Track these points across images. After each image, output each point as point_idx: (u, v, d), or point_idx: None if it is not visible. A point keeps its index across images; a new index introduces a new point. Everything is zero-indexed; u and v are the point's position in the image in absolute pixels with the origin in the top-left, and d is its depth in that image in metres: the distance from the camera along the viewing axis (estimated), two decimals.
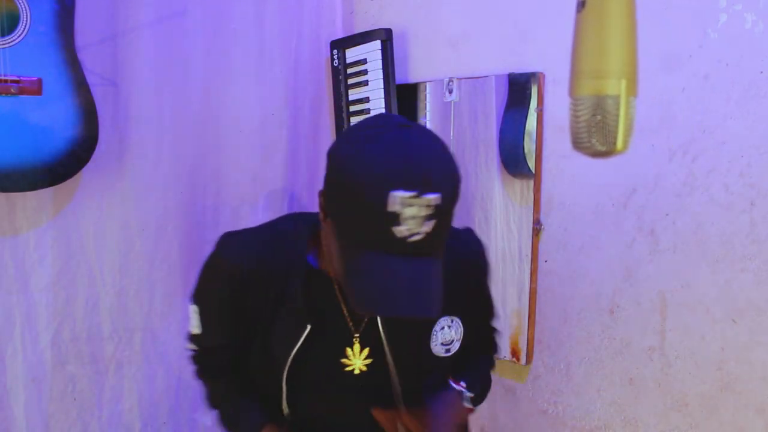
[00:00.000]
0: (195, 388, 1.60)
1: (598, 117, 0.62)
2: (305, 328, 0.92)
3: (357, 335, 0.96)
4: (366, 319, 0.96)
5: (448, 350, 1.00)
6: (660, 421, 1.31)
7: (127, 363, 1.50)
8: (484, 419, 1.63)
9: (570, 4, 0.69)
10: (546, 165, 1.45)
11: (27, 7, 1.26)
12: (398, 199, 0.72)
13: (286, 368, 0.95)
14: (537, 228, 1.46)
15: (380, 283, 0.76)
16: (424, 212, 0.74)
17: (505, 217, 1.51)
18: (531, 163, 1.45)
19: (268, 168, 1.72)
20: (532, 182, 1.45)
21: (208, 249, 1.18)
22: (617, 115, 0.62)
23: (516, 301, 1.50)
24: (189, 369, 1.61)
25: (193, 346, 1.05)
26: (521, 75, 1.46)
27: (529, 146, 1.45)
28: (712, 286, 1.22)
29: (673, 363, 1.28)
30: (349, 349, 0.96)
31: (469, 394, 1.04)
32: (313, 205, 1.79)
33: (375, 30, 1.69)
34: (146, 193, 1.50)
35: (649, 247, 1.30)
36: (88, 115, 1.34)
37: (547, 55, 1.43)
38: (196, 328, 1.02)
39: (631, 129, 0.62)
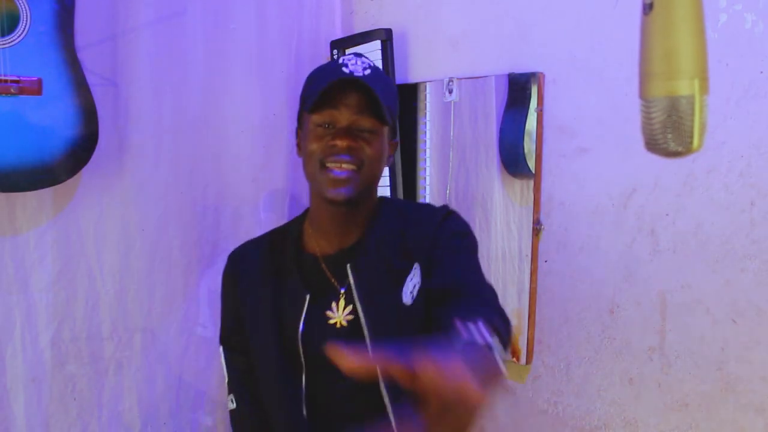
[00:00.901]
0: (195, 389, 1.61)
1: (674, 118, 0.63)
2: (305, 297, 1.04)
3: (342, 291, 1.05)
4: (346, 278, 1.05)
5: (412, 295, 1.02)
6: (660, 421, 1.31)
7: (127, 363, 1.50)
8: (484, 419, 1.63)
9: (571, 4, 0.69)
10: (546, 165, 1.45)
11: (27, 7, 1.26)
12: (342, 58, 1.02)
13: (300, 341, 1.03)
14: (537, 228, 1.46)
15: (331, 81, 0.97)
16: (362, 64, 1.00)
17: (505, 217, 1.51)
18: (531, 163, 1.45)
19: (268, 168, 1.72)
20: (532, 182, 1.45)
21: (208, 249, 1.19)
22: (692, 115, 0.63)
23: (516, 301, 1.50)
24: (189, 369, 1.62)
25: (230, 399, 1.13)
26: (521, 75, 1.46)
27: (529, 146, 1.45)
28: (712, 286, 1.22)
29: (673, 363, 1.28)
30: (334, 304, 1.05)
31: (489, 339, 0.76)
32: None
33: (375, 30, 1.69)
34: (146, 192, 1.50)
35: (649, 247, 1.30)
36: (88, 115, 1.34)
37: (547, 55, 1.43)
38: (226, 374, 1.13)
39: (705, 127, 0.64)
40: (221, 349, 1.15)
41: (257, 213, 1.70)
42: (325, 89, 0.97)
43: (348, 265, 1.04)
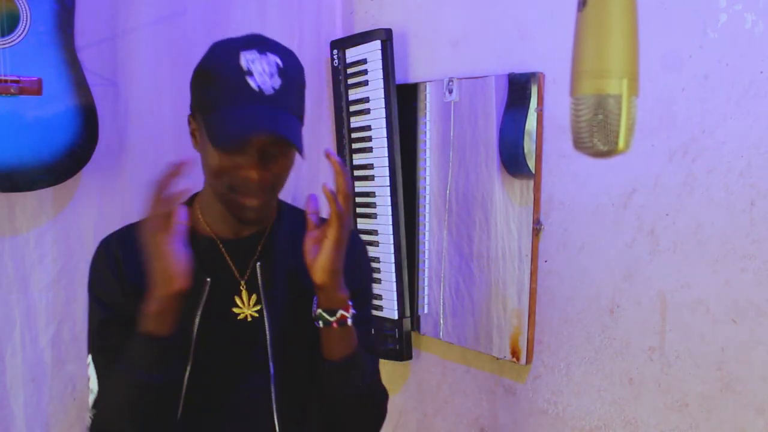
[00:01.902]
0: None
1: (600, 116, 0.62)
2: (206, 283, 0.97)
3: (243, 281, 1.00)
4: (249, 269, 1.01)
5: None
6: (660, 421, 1.31)
7: None
8: (484, 419, 1.63)
9: (570, 4, 0.69)
10: (546, 165, 1.45)
11: (27, 7, 1.26)
12: (246, 56, 0.90)
13: (195, 330, 0.96)
14: (537, 228, 1.46)
15: (243, 119, 0.87)
16: (269, 68, 0.90)
17: (505, 217, 1.51)
18: (531, 163, 1.45)
19: None
20: (532, 182, 1.45)
21: None
22: (619, 115, 0.62)
23: (516, 301, 1.50)
24: None
25: (93, 411, 0.95)
26: (521, 75, 1.46)
27: (529, 146, 1.45)
28: (712, 286, 1.22)
29: (673, 363, 1.28)
30: (237, 298, 1.00)
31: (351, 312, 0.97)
32: None
33: (375, 30, 1.69)
34: (147, 193, 1.50)
35: (649, 247, 1.30)
36: (88, 115, 1.34)
37: (547, 55, 1.43)
38: (93, 381, 0.96)
39: (632, 128, 0.62)
40: (90, 357, 0.96)
41: None
42: (234, 136, 0.88)
43: (258, 264, 1.01)
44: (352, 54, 1.76)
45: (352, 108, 1.78)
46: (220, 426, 1.00)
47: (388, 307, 1.73)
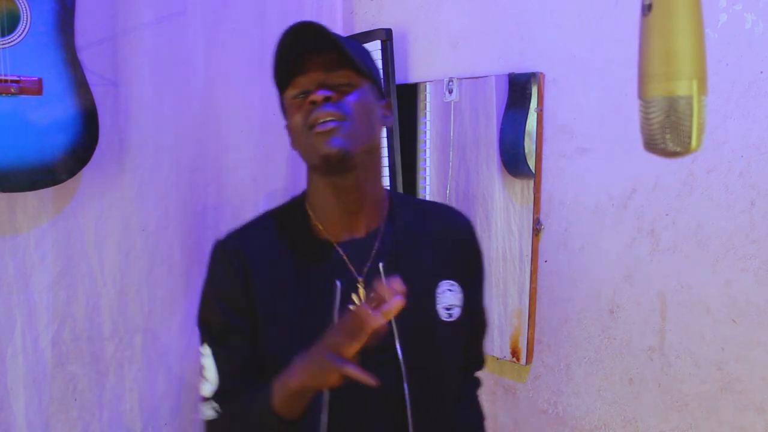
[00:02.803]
0: (196, 389, 1.60)
1: (672, 118, 0.63)
2: (336, 286, 0.96)
3: (361, 279, 0.98)
4: (366, 268, 0.99)
5: (450, 314, 1.02)
6: (660, 421, 1.31)
7: (127, 363, 1.50)
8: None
9: (571, 4, 0.69)
10: (546, 165, 1.45)
11: (27, 7, 1.26)
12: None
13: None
14: (537, 228, 1.47)
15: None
16: (320, 30, 0.91)
17: (505, 217, 1.51)
18: (531, 163, 1.45)
19: (268, 168, 1.72)
20: (532, 182, 1.45)
21: (208, 249, 1.18)
22: (691, 115, 0.63)
23: (516, 301, 1.50)
24: (190, 370, 1.62)
25: (213, 407, 0.98)
26: (521, 75, 1.46)
27: (529, 146, 1.45)
28: (712, 286, 1.22)
29: (673, 363, 1.28)
30: (354, 296, 0.97)
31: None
32: None
33: (375, 30, 1.69)
34: (147, 193, 1.50)
35: (649, 247, 1.30)
36: (88, 115, 1.34)
37: (547, 55, 1.43)
38: (213, 378, 0.98)
39: (704, 128, 0.64)
40: (209, 349, 0.99)
41: (258, 213, 1.70)
42: (283, 46, 0.92)
43: (380, 264, 0.99)
44: None
45: None
46: (355, 422, 0.98)
47: None
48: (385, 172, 1.71)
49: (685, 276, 1.25)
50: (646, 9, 0.64)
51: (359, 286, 0.98)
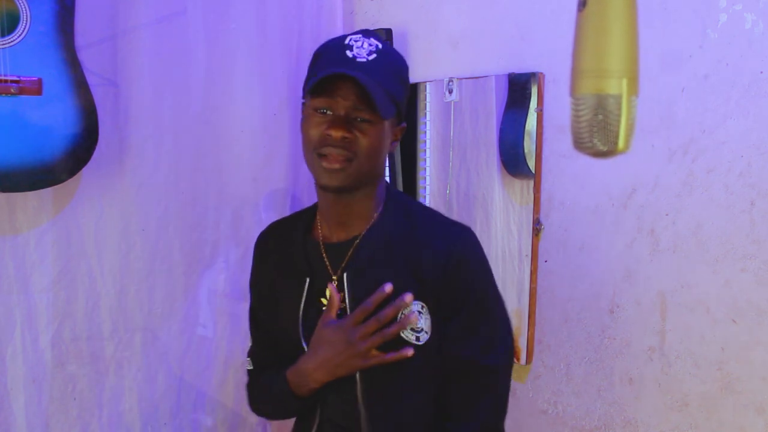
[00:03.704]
0: (196, 389, 1.61)
1: (600, 116, 0.62)
2: (305, 280, 1.08)
3: (334, 278, 1.07)
4: (341, 267, 1.07)
5: (418, 338, 1.01)
6: (660, 421, 1.31)
7: (127, 363, 1.50)
8: None
9: (570, 4, 0.69)
10: (546, 165, 1.45)
11: (27, 7, 1.26)
12: (351, 37, 1.00)
13: (300, 325, 1.08)
14: (537, 228, 1.46)
15: (329, 70, 0.96)
16: (369, 47, 0.99)
17: (505, 217, 1.51)
18: (531, 163, 1.45)
19: (269, 168, 1.72)
20: (532, 182, 1.45)
21: (208, 249, 1.20)
22: (619, 115, 0.62)
23: (516, 301, 1.50)
24: (190, 369, 1.62)
25: (248, 361, 1.19)
26: (521, 75, 1.46)
27: (529, 146, 1.45)
28: (712, 286, 1.22)
29: (673, 363, 1.28)
30: (327, 290, 1.06)
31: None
32: None
33: (375, 30, 1.69)
34: (147, 193, 1.50)
35: (649, 247, 1.30)
36: (88, 115, 1.34)
37: (547, 55, 1.43)
38: (250, 338, 1.22)
39: (632, 129, 0.63)
40: (250, 313, 1.22)
41: (258, 213, 1.70)
42: (321, 79, 0.95)
43: (344, 274, 1.05)
44: None
45: None
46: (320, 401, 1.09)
47: None
48: (385, 172, 1.71)
49: (685, 276, 1.25)
50: (581, 4, 0.63)
51: (332, 284, 1.06)
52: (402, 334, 1.00)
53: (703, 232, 1.23)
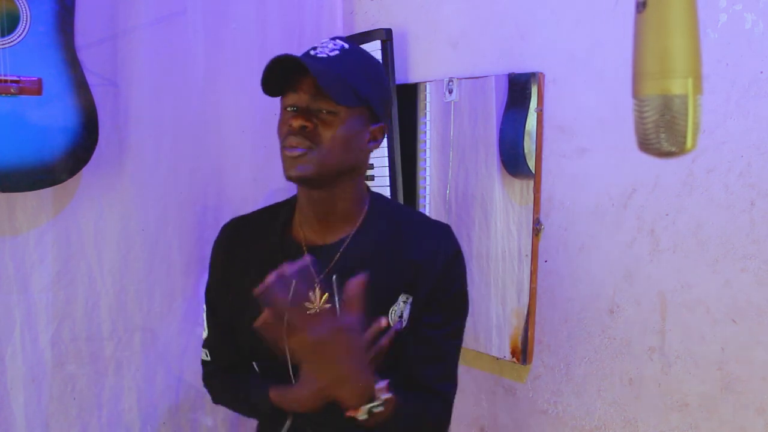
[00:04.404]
0: (195, 389, 1.60)
1: (667, 117, 0.62)
2: (291, 284, 1.01)
3: (317, 280, 1.03)
4: (327, 269, 1.05)
5: (395, 320, 1.03)
6: (660, 421, 1.31)
7: (126, 363, 1.50)
8: (484, 419, 1.63)
9: (570, 4, 0.69)
10: (546, 165, 1.45)
11: (27, 7, 1.26)
12: (322, 41, 1.02)
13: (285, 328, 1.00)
14: (537, 228, 1.46)
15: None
16: (334, 47, 1.00)
17: (505, 217, 1.51)
18: (531, 163, 1.45)
19: (269, 168, 1.72)
20: (532, 182, 1.45)
21: (208, 249, 1.19)
22: (686, 115, 0.62)
23: (516, 301, 1.50)
24: (189, 369, 1.61)
25: (205, 352, 1.18)
26: (521, 75, 1.46)
27: (529, 146, 1.45)
28: (712, 286, 1.22)
29: (673, 363, 1.28)
30: (311, 293, 1.02)
31: (379, 399, 0.93)
32: None
33: (375, 30, 1.69)
34: (146, 193, 1.50)
35: (649, 247, 1.30)
36: (88, 115, 1.34)
37: (547, 55, 1.43)
38: (205, 329, 1.18)
39: (699, 127, 0.63)
40: (204, 304, 1.18)
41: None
42: (269, 70, 0.97)
43: (333, 277, 1.03)
44: None
45: None
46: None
47: None
48: (385, 172, 1.70)
49: (685, 276, 1.25)
50: (641, 6, 0.63)
51: (316, 286, 1.03)
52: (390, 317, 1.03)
53: (703, 232, 1.23)
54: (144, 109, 1.49)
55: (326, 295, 1.03)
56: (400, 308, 1.04)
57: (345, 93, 0.97)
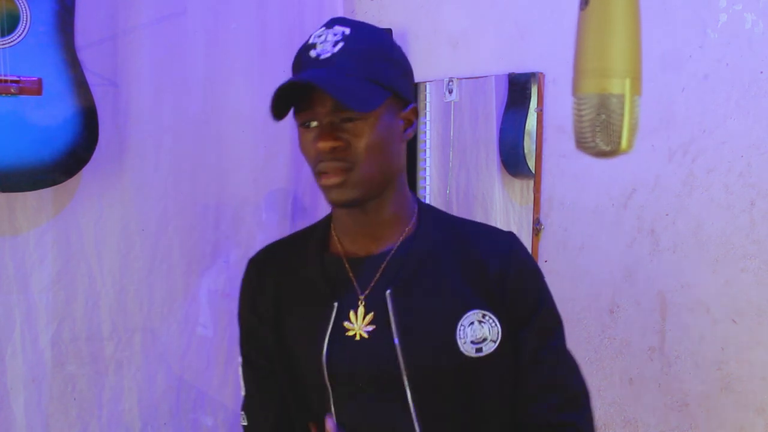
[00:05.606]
0: (196, 389, 1.60)
1: (603, 116, 0.62)
2: (332, 308, 0.91)
3: (362, 298, 0.92)
4: (369, 288, 0.92)
5: (479, 350, 0.89)
6: (660, 421, 1.31)
7: (127, 363, 1.50)
8: None
9: (570, 4, 0.69)
10: (546, 165, 1.45)
11: (27, 7, 1.26)
12: (314, 34, 0.89)
13: (324, 355, 0.90)
14: (537, 228, 1.46)
15: (289, 81, 0.85)
16: (333, 38, 0.86)
17: (505, 217, 1.51)
18: (531, 163, 1.45)
19: (270, 168, 1.72)
20: (532, 182, 1.45)
21: (208, 249, 1.18)
22: (622, 115, 0.62)
23: None
24: (189, 369, 1.61)
25: (243, 416, 1.02)
26: (521, 75, 1.46)
27: (529, 146, 1.45)
28: (712, 286, 1.22)
29: (673, 363, 1.28)
30: (352, 312, 0.91)
31: None
32: (315, 206, 1.78)
33: None
34: (146, 193, 1.50)
35: (649, 247, 1.30)
36: (88, 115, 1.34)
37: (547, 55, 1.43)
38: (242, 386, 1.03)
39: (635, 128, 0.62)
40: (240, 357, 1.04)
41: (258, 213, 1.70)
42: (277, 98, 0.85)
43: (387, 291, 0.90)
44: None
45: None
46: None
47: None
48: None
49: (685, 276, 1.25)
50: (584, 3, 0.63)
51: (360, 305, 0.92)
52: (461, 347, 0.89)
53: (703, 232, 1.23)
54: (144, 108, 1.49)
55: (371, 314, 0.91)
56: (476, 332, 0.90)
57: (367, 94, 0.84)
